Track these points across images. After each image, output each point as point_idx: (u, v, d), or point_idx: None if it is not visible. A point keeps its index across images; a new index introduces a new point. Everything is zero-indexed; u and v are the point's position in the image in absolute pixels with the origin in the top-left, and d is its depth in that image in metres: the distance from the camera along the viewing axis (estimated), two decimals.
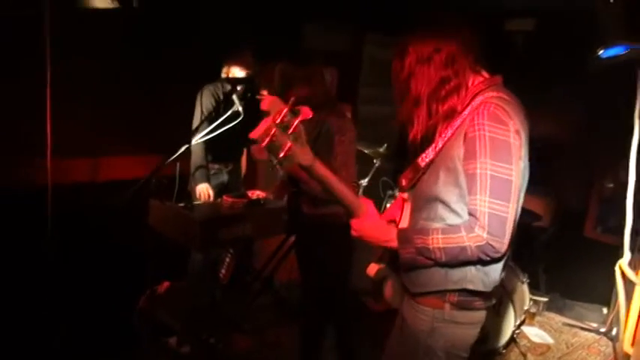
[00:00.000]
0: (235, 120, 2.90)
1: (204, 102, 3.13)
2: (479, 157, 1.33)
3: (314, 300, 2.64)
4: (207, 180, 3.17)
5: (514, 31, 5.23)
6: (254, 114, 3.27)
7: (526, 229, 4.38)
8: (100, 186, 3.32)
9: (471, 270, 1.42)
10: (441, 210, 1.44)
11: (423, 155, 1.52)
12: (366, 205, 1.50)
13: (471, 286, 1.42)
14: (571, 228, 4.51)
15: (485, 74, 1.49)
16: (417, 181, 1.54)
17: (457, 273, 1.42)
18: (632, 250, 1.47)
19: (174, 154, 2.71)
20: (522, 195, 1.44)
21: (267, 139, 1.26)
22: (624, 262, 1.39)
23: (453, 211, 1.42)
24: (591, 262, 4.22)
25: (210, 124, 2.96)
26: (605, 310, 4.05)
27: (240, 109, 2.88)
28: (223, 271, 3.68)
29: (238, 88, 2.97)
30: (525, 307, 3.43)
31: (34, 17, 2.27)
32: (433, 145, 1.49)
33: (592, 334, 3.86)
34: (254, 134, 1.28)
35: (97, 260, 3.24)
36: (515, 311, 3.16)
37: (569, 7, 3.75)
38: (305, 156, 1.37)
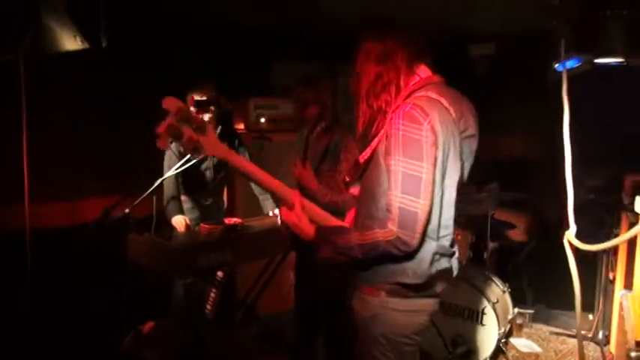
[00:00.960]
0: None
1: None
2: (393, 154, 1.42)
3: (308, 318, 2.68)
4: (181, 212, 3.23)
5: (476, 55, 5.47)
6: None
7: (507, 246, 4.50)
8: (79, 228, 3.35)
9: (402, 263, 1.49)
10: (375, 205, 1.52)
11: (364, 153, 1.61)
12: (294, 198, 1.61)
13: (404, 279, 1.50)
14: (550, 240, 4.61)
15: (423, 75, 1.60)
16: (360, 177, 1.63)
17: (390, 267, 1.50)
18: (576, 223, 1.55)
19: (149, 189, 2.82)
20: (451, 189, 1.53)
21: (170, 132, 1.47)
22: (570, 233, 1.46)
23: (382, 207, 1.49)
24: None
25: (181, 158, 3.06)
26: (590, 317, 4.11)
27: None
28: (209, 306, 3.70)
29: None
30: (509, 317, 3.48)
31: (8, 64, 2.38)
32: (371, 143, 1.59)
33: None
34: (159, 129, 1.48)
35: (78, 301, 3.26)
36: (498, 321, 3.21)
37: (527, 27, 3.94)
38: (214, 147, 1.56)
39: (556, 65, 4.28)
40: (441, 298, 3.23)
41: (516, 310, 3.93)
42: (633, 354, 2.04)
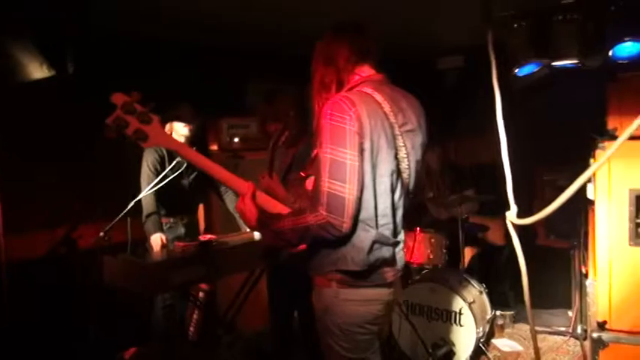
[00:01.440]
0: (181, 170, 3.08)
1: (148, 159, 3.29)
2: (323, 142, 1.52)
3: (284, 331, 2.72)
4: (160, 229, 3.26)
5: (446, 69, 5.63)
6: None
7: (488, 250, 4.59)
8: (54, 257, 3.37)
9: (341, 251, 1.56)
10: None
11: (316, 150, 1.69)
12: (246, 188, 1.70)
13: (343, 267, 1.56)
14: (525, 241, 4.70)
15: (364, 74, 1.70)
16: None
17: (332, 255, 1.57)
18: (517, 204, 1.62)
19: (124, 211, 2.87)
20: (386, 179, 1.59)
21: (116, 122, 1.60)
22: (511, 214, 1.53)
23: None
24: (550, 268, 4.41)
25: (157, 177, 3.12)
26: (570, 313, 4.18)
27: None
28: (192, 328, 3.71)
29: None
30: (488, 317, 3.54)
31: None
32: None
33: (560, 337, 3.97)
34: (107, 121, 1.60)
35: (57, 330, 3.26)
36: (476, 320, 3.26)
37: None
38: (159, 136, 1.66)
39: (516, 71, 4.44)
40: (421, 303, 3.36)
41: (498, 312, 4.01)
42: (595, 335, 2.11)
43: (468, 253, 4.47)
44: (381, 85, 1.67)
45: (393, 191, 1.63)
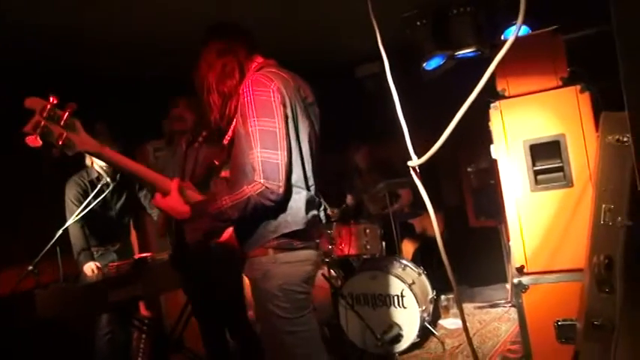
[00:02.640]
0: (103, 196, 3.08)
1: (71, 193, 3.25)
2: (249, 117, 1.61)
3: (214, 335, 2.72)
4: (92, 259, 3.21)
5: (363, 76, 5.86)
6: (128, 191, 3.47)
7: (428, 242, 4.77)
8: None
9: (280, 217, 1.65)
10: (244, 174, 1.66)
11: (227, 136, 1.79)
12: (170, 185, 1.73)
13: (285, 230, 1.65)
14: (458, 225, 4.94)
15: (260, 60, 1.84)
16: (228, 159, 1.79)
17: (272, 223, 1.65)
18: None
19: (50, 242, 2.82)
20: (306, 143, 1.71)
21: (38, 130, 1.48)
22: (413, 162, 1.64)
23: (249, 171, 1.64)
24: (483, 247, 4.66)
25: (80, 205, 3.09)
26: (507, 286, 4.40)
27: (108, 179, 3.07)
28: (140, 358, 3.63)
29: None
30: (429, 297, 3.67)
31: None
32: (231, 125, 1.77)
33: (501, 308, 4.17)
34: (25, 128, 1.48)
35: None
36: (417, 300, 3.38)
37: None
38: (85, 142, 1.58)
39: (424, 65, 4.71)
40: (364, 292, 3.45)
41: (442, 296, 4.17)
42: (515, 280, 2.27)
43: (409, 248, 4.64)
44: (279, 67, 1.81)
45: (311, 155, 1.75)
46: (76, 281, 2.69)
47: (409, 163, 1.67)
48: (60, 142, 1.53)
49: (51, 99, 1.53)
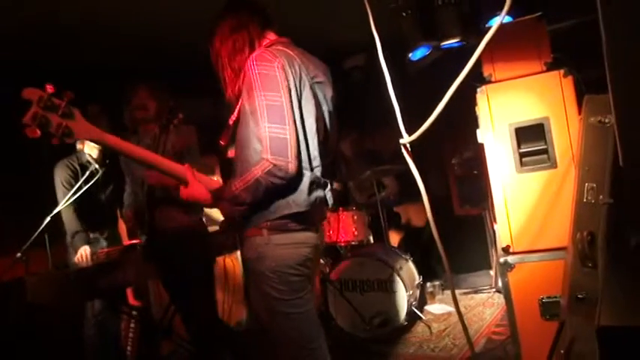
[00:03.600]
0: (94, 180, 3.07)
1: (62, 175, 3.24)
2: (255, 92, 1.61)
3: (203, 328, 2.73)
4: (88, 242, 3.21)
5: (350, 67, 5.91)
6: (116, 179, 3.47)
7: (414, 232, 4.86)
8: None
9: (285, 198, 1.65)
10: (250, 153, 1.68)
11: (232, 116, 1.79)
12: (185, 170, 1.76)
13: (287, 211, 1.66)
14: (444, 214, 5.02)
15: (272, 37, 1.84)
16: (233, 137, 1.81)
17: (274, 203, 1.66)
18: None
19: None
20: (311, 122, 1.71)
21: (37, 121, 1.51)
22: (405, 140, 1.69)
23: (257, 149, 1.65)
24: (468, 235, 4.75)
25: (73, 193, 3.08)
26: (492, 272, 4.51)
27: (97, 166, 3.07)
28: (129, 347, 3.64)
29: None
30: (416, 282, 3.75)
31: None
32: (237, 105, 1.78)
33: (485, 294, 4.27)
34: (24, 119, 1.50)
35: None
36: (405, 284, 3.46)
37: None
38: (85, 130, 1.61)
39: (409, 56, 4.78)
40: (352, 278, 3.52)
41: (428, 283, 4.26)
42: (502, 259, 2.34)
43: (395, 238, 4.72)
44: (289, 45, 1.82)
45: (318, 135, 1.75)
46: (66, 267, 2.70)
47: (401, 141, 1.72)
48: (59, 132, 1.54)
49: (47, 88, 1.54)
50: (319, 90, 1.82)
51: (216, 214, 3.62)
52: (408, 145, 1.73)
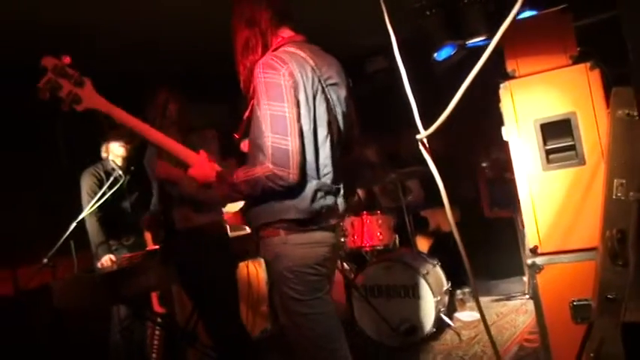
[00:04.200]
0: (117, 187, 3.15)
1: (87, 184, 3.34)
2: (261, 100, 1.64)
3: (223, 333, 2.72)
4: (110, 252, 3.29)
5: (374, 71, 5.91)
6: (140, 186, 3.55)
7: (443, 237, 4.80)
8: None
9: (285, 202, 1.68)
10: (261, 152, 1.69)
11: (247, 111, 1.80)
12: (198, 155, 1.82)
13: (287, 216, 1.68)
14: (473, 217, 4.95)
15: (286, 35, 1.84)
16: (247, 133, 1.83)
17: (276, 206, 1.69)
18: None
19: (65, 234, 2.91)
20: (323, 129, 1.73)
21: (49, 85, 1.66)
22: (422, 135, 1.68)
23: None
24: (500, 240, 4.66)
25: (94, 196, 3.17)
26: (525, 279, 4.40)
27: (120, 172, 3.15)
28: (154, 354, 3.69)
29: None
30: (444, 288, 3.70)
31: None
32: (251, 101, 1.80)
33: (519, 300, 4.17)
34: (38, 84, 1.65)
35: None
36: (432, 290, 3.41)
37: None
38: (93, 99, 1.71)
39: (435, 55, 4.75)
40: (378, 283, 3.49)
41: (458, 290, 4.20)
42: (529, 261, 2.29)
43: (424, 243, 4.67)
44: (303, 44, 1.82)
45: (331, 141, 1.77)
46: (91, 271, 2.76)
47: (417, 136, 1.71)
48: (69, 98, 1.67)
49: (64, 59, 1.68)
50: (333, 92, 1.82)
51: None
52: (425, 141, 1.72)
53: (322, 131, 1.74)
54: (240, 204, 1.86)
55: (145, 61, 4.03)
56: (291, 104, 1.64)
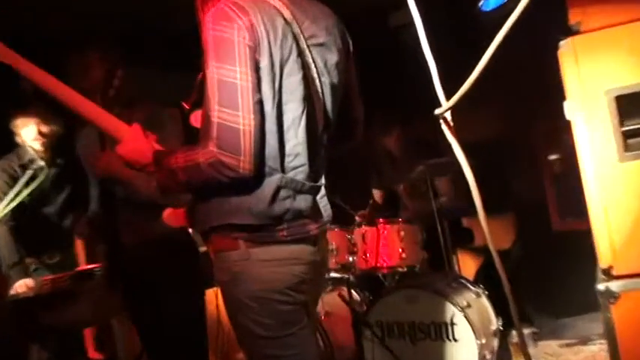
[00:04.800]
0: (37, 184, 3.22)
1: None
2: (209, 60, 1.64)
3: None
4: (26, 275, 3.35)
5: (398, 25, 5.97)
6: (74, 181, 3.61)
7: (490, 258, 4.82)
8: None
9: (235, 200, 1.69)
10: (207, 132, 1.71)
11: (201, 73, 1.79)
12: (132, 128, 1.86)
13: (237, 220, 1.69)
14: (538, 231, 4.98)
15: None
16: (200, 100, 1.86)
17: (223, 205, 1.70)
18: None
19: None
20: (295, 105, 1.73)
21: None
22: (441, 109, 1.73)
23: None
24: (573, 262, 4.67)
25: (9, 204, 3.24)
26: None
27: (42, 164, 3.23)
28: None
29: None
30: (492, 327, 3.73)
31: None
32: None
33: (598, 345, 4.20)
34: None
35: None
36: (474, 330, 3.44)
37: None
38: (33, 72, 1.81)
39: (480, 5, 4.85)
40: (399, 320, 3.54)
41: (516, 332, 4.22)
42: (601, 287, 2.33)
43: (468, 264, 4.71)
44: None
45: (309, 123, 1.77)
46: (3, 296, 2.84)
47: (436, 112, 1.75)
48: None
49: None
50: (318, 55, 1.83)
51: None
52: (447, 117, 1.77)
53: (293, 108, 1.74)
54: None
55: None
56: (247, 68, 1.62)
